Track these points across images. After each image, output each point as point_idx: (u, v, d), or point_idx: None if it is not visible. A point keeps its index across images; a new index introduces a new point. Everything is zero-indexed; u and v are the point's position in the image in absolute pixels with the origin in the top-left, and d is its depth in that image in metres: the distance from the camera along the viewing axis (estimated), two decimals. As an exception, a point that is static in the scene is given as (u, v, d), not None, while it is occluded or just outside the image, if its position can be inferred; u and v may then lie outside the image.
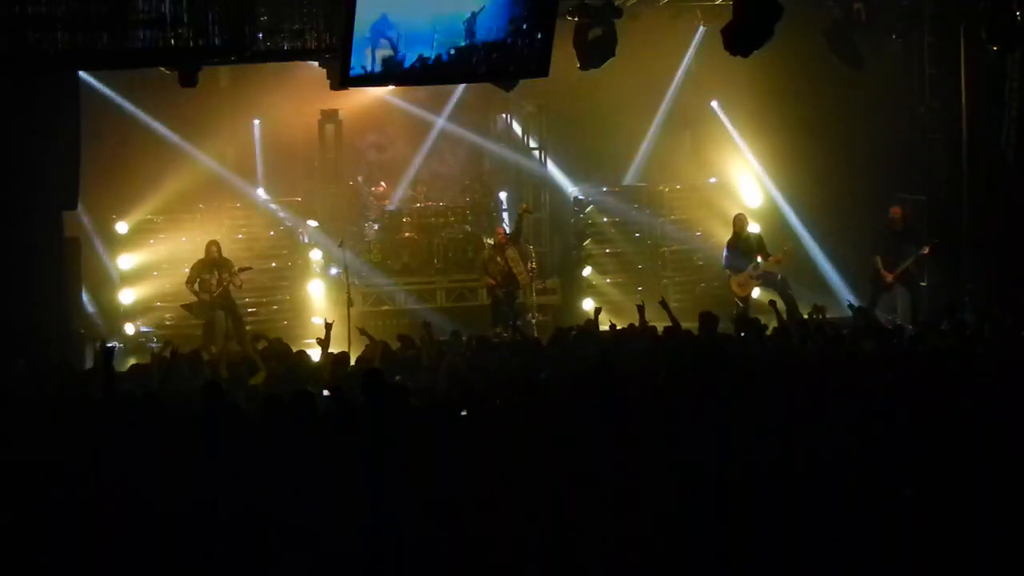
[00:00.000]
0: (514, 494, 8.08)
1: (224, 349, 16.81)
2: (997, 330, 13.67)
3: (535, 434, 9.09)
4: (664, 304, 14.68)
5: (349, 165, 22.61)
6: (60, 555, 7.38)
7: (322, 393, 11.06)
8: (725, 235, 19.97)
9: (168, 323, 20.07)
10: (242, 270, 19.05)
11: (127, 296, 20.38)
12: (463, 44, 14.63)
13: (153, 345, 18.96)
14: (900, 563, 7.53)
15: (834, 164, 20.98)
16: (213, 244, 19.05)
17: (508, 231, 20.14)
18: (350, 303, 18.27)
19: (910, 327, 16.46)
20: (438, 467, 8.58)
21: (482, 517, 7.85)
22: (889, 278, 18.87)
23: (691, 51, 22.12)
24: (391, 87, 20.39)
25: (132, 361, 16.88)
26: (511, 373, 12.24)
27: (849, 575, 7.54)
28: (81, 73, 18.05)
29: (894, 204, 19.30)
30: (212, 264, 18.84)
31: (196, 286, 18.78)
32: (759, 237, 19.69)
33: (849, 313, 16.72)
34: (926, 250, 18.89)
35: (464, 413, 9.86)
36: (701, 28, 20.86)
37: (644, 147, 23.08)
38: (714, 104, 22.74)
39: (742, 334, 14.27)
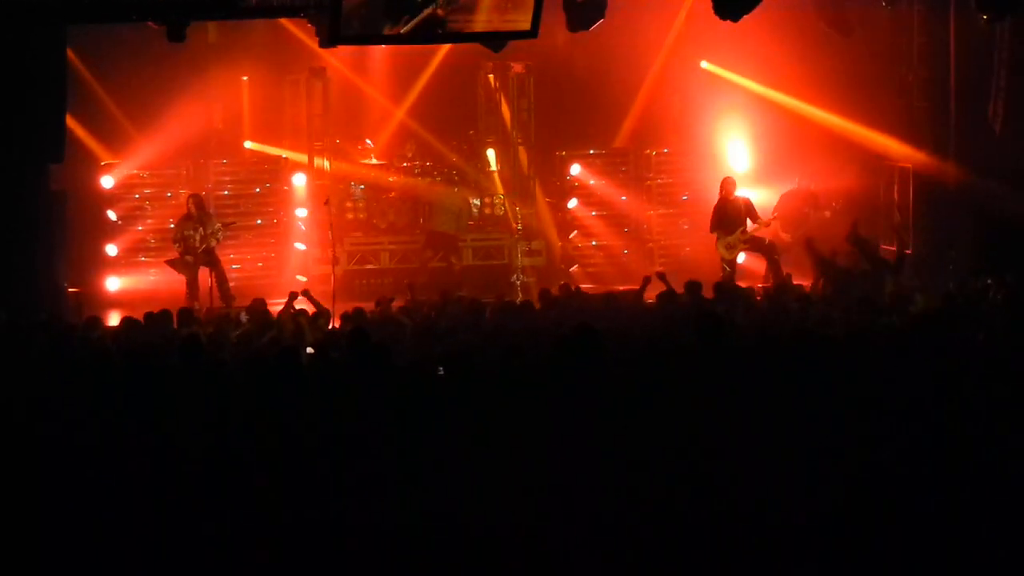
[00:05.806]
0: (496, 457, 8.08)
1: (209, 306, 16.83)
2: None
3: (518, 397, 9.08)
4: (662, 276, 15.24)
5: (337, 123, 22.49)
6: (33, 507, 7.39)
7: (306, 350, 11.08)
8: (712, 200, 19.89)
9: (152, 277, 20.03)
10: (226, 225, 18.99)
11: (112, 250, 20.36)
12: (454, 3, 14.57)
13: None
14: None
15: (822, 131, 20.93)
16: (192, 198, 18.95)
17: None
18: (335, 262, 18.26)
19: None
20: (421, 427, 8.59)
21: (464, 480, 7.85)
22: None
23: (681, 15, 22.03)
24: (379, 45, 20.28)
25: (116, 315, 16.85)
26: (498, 334, 12.25)
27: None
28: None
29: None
30: (196, 220, 18.74)
31: (180, 245, 18.68)
32: (748, 202, 19.62)
33: None
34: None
35: (440, 371, 9.85)
36: (691, -9, 20.76)
37: (632, 110, 23.00)
38: (704, 64, 22.58)
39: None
